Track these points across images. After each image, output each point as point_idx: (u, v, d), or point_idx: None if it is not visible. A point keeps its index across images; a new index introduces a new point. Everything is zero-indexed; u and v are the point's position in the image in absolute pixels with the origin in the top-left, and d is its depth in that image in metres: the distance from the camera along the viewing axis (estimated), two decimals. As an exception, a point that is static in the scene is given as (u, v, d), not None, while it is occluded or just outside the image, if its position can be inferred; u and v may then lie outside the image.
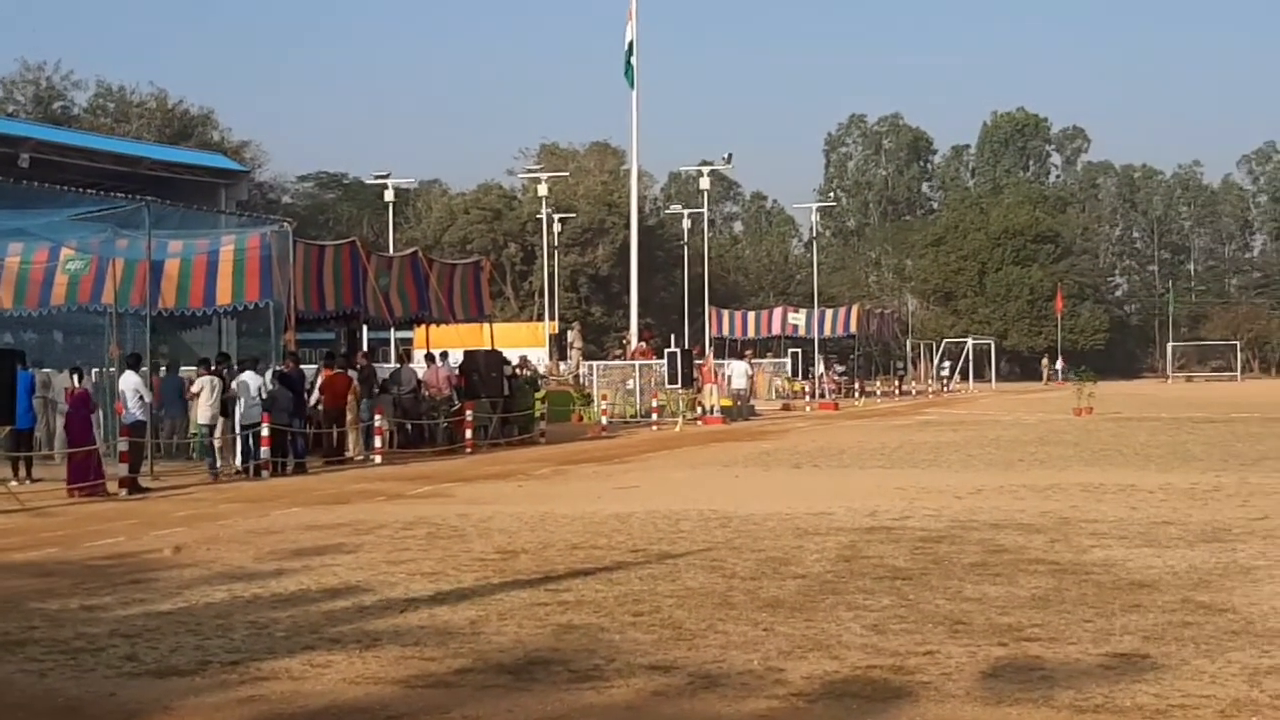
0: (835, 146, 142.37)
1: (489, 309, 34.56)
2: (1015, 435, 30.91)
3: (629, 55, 44.09)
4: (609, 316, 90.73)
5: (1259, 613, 9.12)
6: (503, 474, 22.61)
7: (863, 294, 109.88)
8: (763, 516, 15.11)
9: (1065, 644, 8.25)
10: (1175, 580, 10.47)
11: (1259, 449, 24.97)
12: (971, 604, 9.62)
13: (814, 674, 7.61)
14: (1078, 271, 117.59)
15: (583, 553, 12.58)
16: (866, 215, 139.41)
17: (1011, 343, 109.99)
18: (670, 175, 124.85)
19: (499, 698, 7.27)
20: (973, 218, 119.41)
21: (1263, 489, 17.50)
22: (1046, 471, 20.92)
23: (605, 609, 9.66)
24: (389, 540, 13.77)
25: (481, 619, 9.40)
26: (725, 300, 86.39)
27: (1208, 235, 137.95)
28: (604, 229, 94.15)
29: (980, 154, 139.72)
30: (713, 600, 9.92)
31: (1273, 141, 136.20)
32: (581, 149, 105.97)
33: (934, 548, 12.44)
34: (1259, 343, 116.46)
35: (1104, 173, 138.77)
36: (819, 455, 25.54)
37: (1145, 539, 12.84)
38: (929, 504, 16.25)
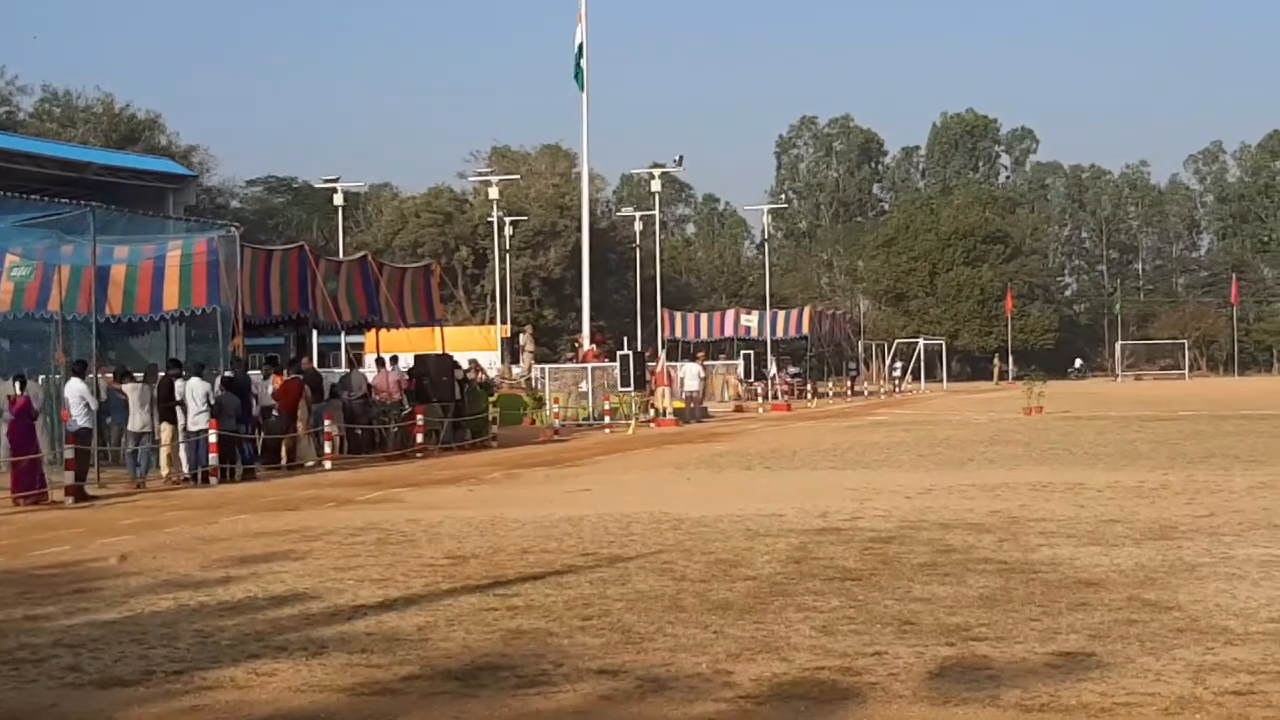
0: (786, 148, 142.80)
1: (440, 313, 34.44)
2: (966, 435, 31.06)
3: (579, 58, 44.03)
4: (561, 319, 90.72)
5: (1204, 610, 9.18)
6: (454, 479, 22.53)
7: (815, 295, 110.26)
8: (714, 518, 15.11)
9: (1012, 643, 8.28)
10: (1122, 578, 10.53)
11: (1206, 447, 25.17)
12: (920, 604, 9.64)
13: (762, 676, 7.60)
14: (1027, 271, 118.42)
15: (533, 557, 12.53)
16: (818, 217, 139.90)
17: (962, 343, 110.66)
18: (622, 177, 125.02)
19: (446, 704, 7.23)
20: (923, 219, 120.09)
21: (1209, 487, 17.63)
22: (996, 471, 21.02)
23: (554, 613, 9.62)
24: (338, 546, 13.68)
25: (430, 625, 9.34)
26: (678, 302, 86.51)
27: (1155, 235, 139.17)
28: (556, 232, 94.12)
29: (930, 155, 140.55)
30: (662, 603, 9.90)
31: (1219, 141, 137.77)
32: (533, 151, 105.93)
33: (884, 548, 12.47)
34: (1206, 341, 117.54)
35: (1053, 173, 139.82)
36: (771, 457, 25.57)
37: (1093, 537, 12.91)
38: (879, 504, 16.29)
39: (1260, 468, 20.34)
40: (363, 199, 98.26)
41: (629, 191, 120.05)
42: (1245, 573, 10.65)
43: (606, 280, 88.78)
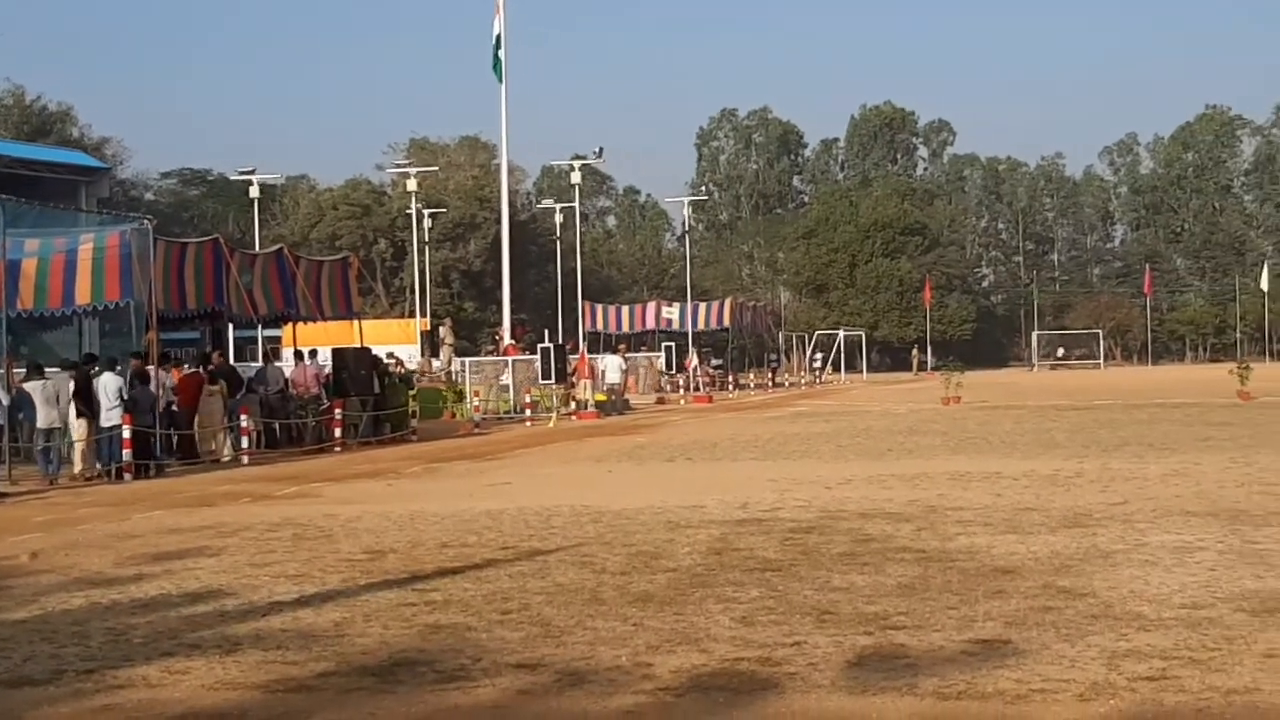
0: (707, 140, 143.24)
1: (358, 306, 34.17)
2: (885, 425, 31.27)
3: (497, 49, 43.81)
4: (482, 312, 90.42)
5: (1118, 596, 9.27)
6: (372, 473, 22.36)
7: (736, 287, 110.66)
8: (635, 511, 15.08)
9: (930, 631, 8.32)
10: (1037, 566, 10.62)
11: (1120, 435, 25.49)
12: (839, 594, 9.67)
13: (682, 668, 7.58)
14: (945, 263, 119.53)
15: (452, 551, 12.45)
16: (738, 209, 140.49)
17: (882, 334, 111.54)
18: (542, 169, 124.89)
19: (362, 701, 7.15)
20: (843, 210, 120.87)
21: (1123, 474, 17.85)
22: (915, 461, 21.16)
23: (473, 608, 9.55)
24: (253, 542, 13.52)
25: (346, 621, 9.25)
26: (599, 295, 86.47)
27: (1070, 226, 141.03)
28: (475, 224, 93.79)
29: (849, 147, 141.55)
30: (582, 596, 9.86)
31: (1134, 133, 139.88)
32: (451, 143, 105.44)
33: (804, 538, 12.50)
34: (1120, 331, 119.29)
35: (970, 165, 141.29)
36: (692, 448, 25.60)
37: (1009, 525, 13.02)
38: (800, 495, 16.34)
39: (1173, 455, 20.62)
40: (279, 191, 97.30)
41: (549, 183, 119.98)
42: (1158, 559, 10.78)
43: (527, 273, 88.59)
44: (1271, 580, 9.72)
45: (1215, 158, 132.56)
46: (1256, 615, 8.53)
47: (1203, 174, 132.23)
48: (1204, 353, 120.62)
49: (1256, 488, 15.80)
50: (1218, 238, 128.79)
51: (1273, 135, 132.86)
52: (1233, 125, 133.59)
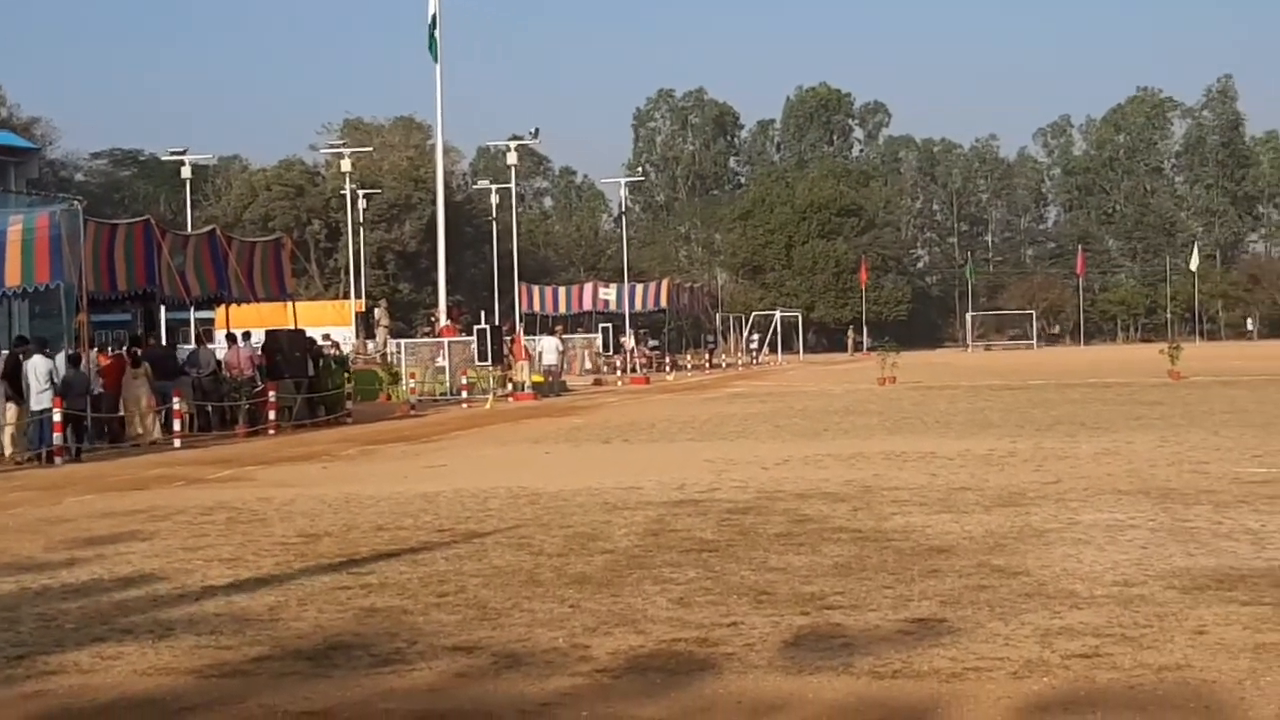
0: (643, 121, 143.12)
1: (291, 287, 33.92)
2: (821, 406, 31.39)
3: (432, 28, 43.49)
4: (417, 293, 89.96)
5: (1051, 575, 9.35)
6: (307, 456, 22.20)
7: (673, 268, 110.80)
8: (572, 492, 15.06)
9: (866, 611, 8.36)
10: (972, 545, 10.69)
11: (1053, 415, 25.73)
12: (776, 574, 9.69)
13: (619, 649, 7.57)
14: (881, 244, 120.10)
15: (388, 534, 12.38)
16: (675, 190, 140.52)
17: (818, 315, 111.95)
18: (478, 150, 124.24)
19: (296, 685, 7.09)
20: (779, 192, 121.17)
21: (1056, 454, 18.01)
22: (851, 441, 21.26)
23: (409, 591, 9.50)
24: (186, 526, 13.39)
25: (281, 605, 9.18)
26: (535, 276, 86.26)
27: (1004, 207, 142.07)
28: (411, 205, 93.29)
29: (785, 129, 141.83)
30: (519, 578, 9.83)
31: (1067, 115, 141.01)
32: (386, 124, 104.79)
33: (740, 519, 12.52)
34: (1054, 311, 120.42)
35: (905, 146, 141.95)
36: (629, 430, 25.60)
37: (944, 505, 13.10)
38: (737, 475, 16.37)
39: (1105, 434, 20.83)
40: (211, 172, 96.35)
41: (485, 164, 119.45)
42: (1091, 538, 10.88)
43: (463, 254, 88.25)
44: (1202, 558, 9.83)
45: (1146, 140, 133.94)
46: (1187, 592, 8.62)
47: (1134, 156, 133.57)
48: (1135, 333, 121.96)
49: (1187, 466, 15.98)
50: (1149, 219, 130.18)
51: (1203, 118, 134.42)
52: (1163, 107, 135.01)
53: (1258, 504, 12.51)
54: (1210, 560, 9.71)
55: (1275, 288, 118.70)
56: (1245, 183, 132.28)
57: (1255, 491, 13.40)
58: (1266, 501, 12.65)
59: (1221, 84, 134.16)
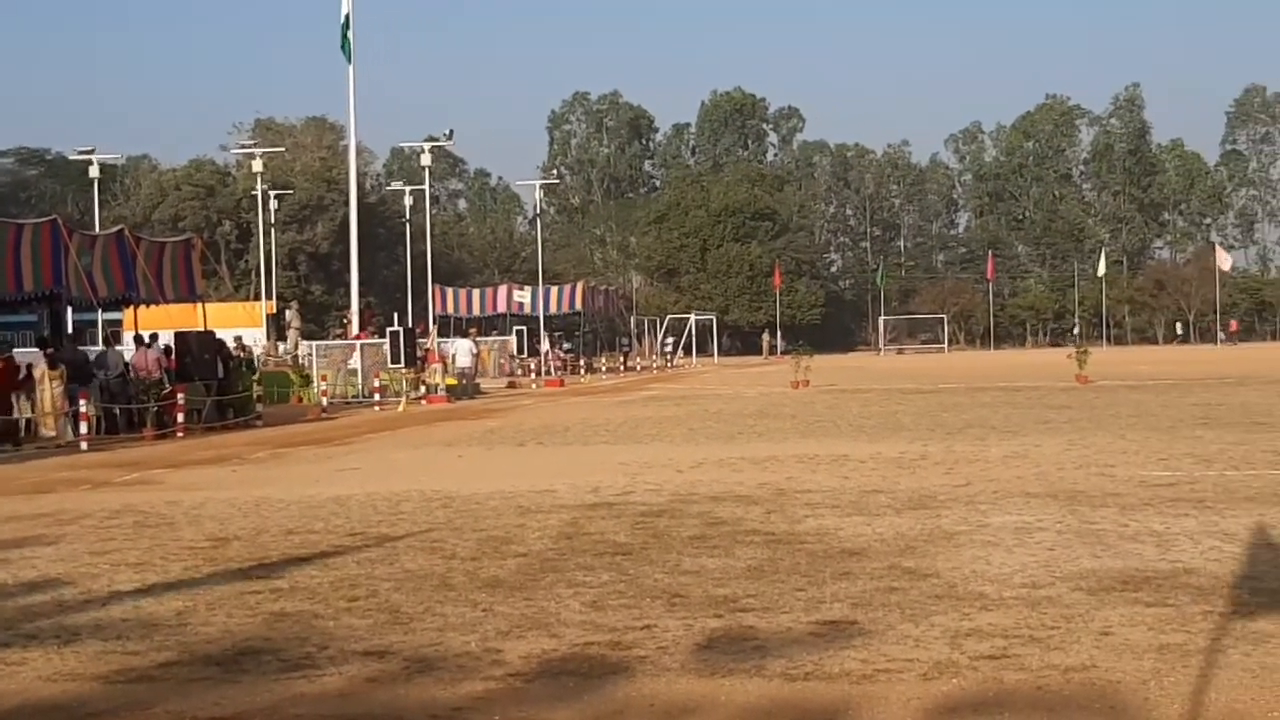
0: (559, 124, 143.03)
1: (201, 289, 33.52)
2: (735, 409, 31.51)
3: (345, 29, 43.18)
4: (329, 295, 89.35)
5: (960, 576, 9.44)
6: (217, 459, 21.95)
7: (588, 271, 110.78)
8: (485, 496, 15.00)
9: (778, 613, 8.38)
10: (883, 547, 10.77)
11: (963, 418, 25.99)
12: (689, 577, 9.70)
13: (532, 653, 7.55)
14: (795, 248, 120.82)
15: (298, 538, 12.26)
16: (590, 193, 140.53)
17: (733, 318, 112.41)
18: (392, 151, 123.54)
19: (205, 690, 7.00)
20: (694, 195, 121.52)
21: (966, 457, 18.19)
22: (765, 444, 21.34)
23: (320, 595, 9.42)
24: (93, 530, 13.18)
25: (189, 610, 9.05)
26: (450, 278, 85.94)
27: (916, 212, 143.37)
28: (323, 206, 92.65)
29: (700, 133, 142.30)
30: (431, 582, 9.77)
31: (978, 122, 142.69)
32: (298, 124, 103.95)
33: (654, 522, 12.53)
34: (964, 316, 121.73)
35: (819, 151, 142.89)
36: (543, 433, 25.55)
37: (856, 507, 13.18)
38: (651, 479, 16.38)
39: (1014, 438, 21.07)
40: (120, 171, 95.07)
41: (399, 165, 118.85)
42: (1000, 540, 11.00)
43: (376, 255, 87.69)
44: (1108, 559, 9.96)
45: (1055, 147, 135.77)
46: (1093, 594, 8.74)
47: (1043, 163, 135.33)
48: (1044, 337, 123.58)
49: (1093, 469, 16.20)
50: (1057, 225, 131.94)
51: (1110, 126, 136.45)
52: (1071, 115, 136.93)
53: (1162, 507, 12.70)
54: (1116, 562, 9.85)
55: (1180, 294, 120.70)
56: (1151, 190, 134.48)
57: (1160, 494, 13.61)
58: (1171, 504, 12.85)
59: (1129, 92, 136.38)
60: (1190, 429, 21.92)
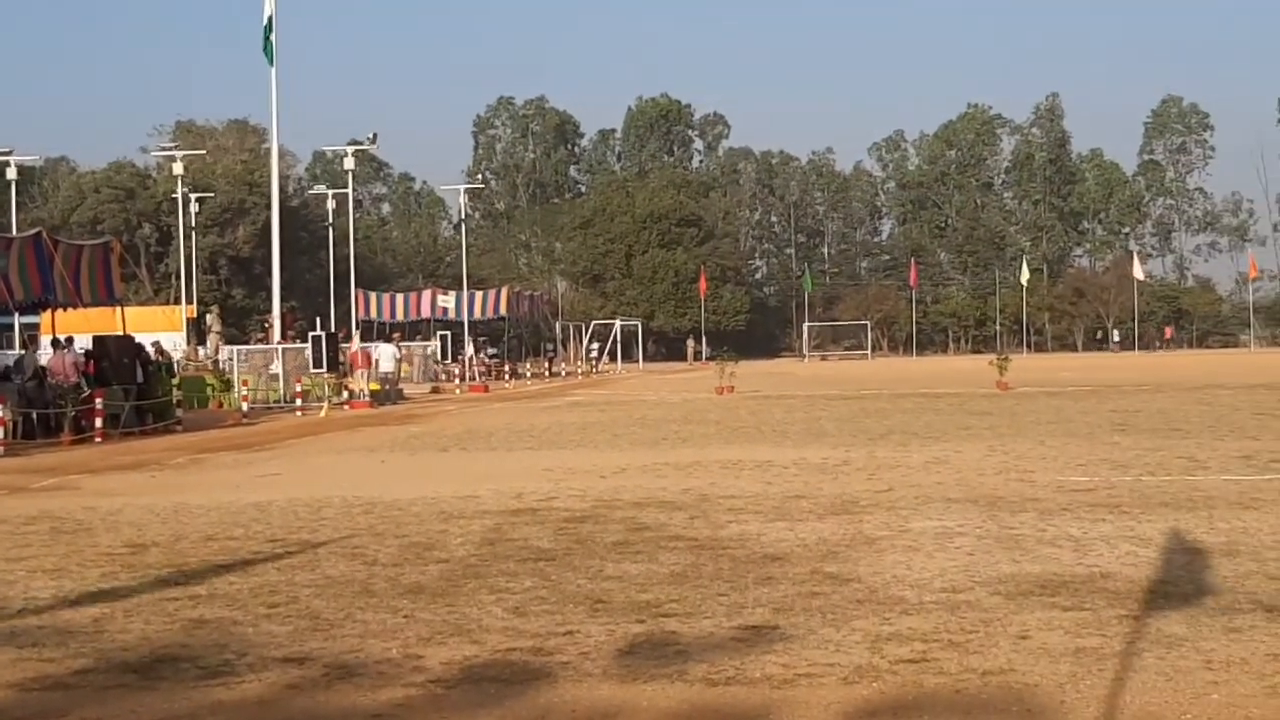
0: (484, 128, 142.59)
1: (120, 292, 33.08)
2: (660, 415, 31.56)
3: (268, 31, 42.83)
4: (251, 299, 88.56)
5: (882, 581, 9.51)
6: (135, 464, 21.69)
7: (512, 276, 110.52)
8: (408, 501, 14.93)
9: (700, 618, 8.41)
10: (805, 552, 10.82)
11: (886, 424, 26.17)
12: (612, 582, 9.71)
13: (453, 659, 7.52)
14: (720, 254, 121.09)
15: (218, 544, 12.14)
16: (515, 198, 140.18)
17: (658, 324, 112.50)
18: (314, 154, 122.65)
19: (121, 698, 6.92)
20: (619, 201, 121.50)
21: (888, 462, 18.32)
22: (689, 449, 21.39)
23: (239, 602, 9.33)
24: (8, 537, 12.98)
25: (106, 617, 8.94)
26: (373, 282, 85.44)
27: (840, 219, 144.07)
28: (245, 209, 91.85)
29: (626, 138, 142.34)
30: (352, 589, 9.71)
31: (901, 130, 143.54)
32: (220, 126, 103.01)
33: (578, 527, 12.53)
34: (888, 322, 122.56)
35: (744, 158, 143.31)
36: (467, 438, 25.47)
37: (779, 513, 13.24)
38: (575, 484, 16.37)
39: (935, 443, 21.25)
40: (38, 173, 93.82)
41: (322, 169, 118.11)
42: (921, 545, 11.09)
43: (298, 259, 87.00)
44: (1026, 564, 10.07)
45: (977, 155, 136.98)
46: (1011, 598, 8.83)
47: (965, 171, 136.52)
48: (966, 344, 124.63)
49: (1013, 475, 16.38)
50: (979, 233, 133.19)
51: (1031, 135, 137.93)
52: (993, 124, 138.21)
53: (1080, 512, 12.86)
54: (1034, 567, 9.96)
55: (1099, 301, 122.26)
56: (1071, 199, 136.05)
57: (1078, 499, 13.78)
58: (1089, 509, 13.01)
59: (1049, 102, 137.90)
60: (1108, 435, 22.21)
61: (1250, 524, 11.80)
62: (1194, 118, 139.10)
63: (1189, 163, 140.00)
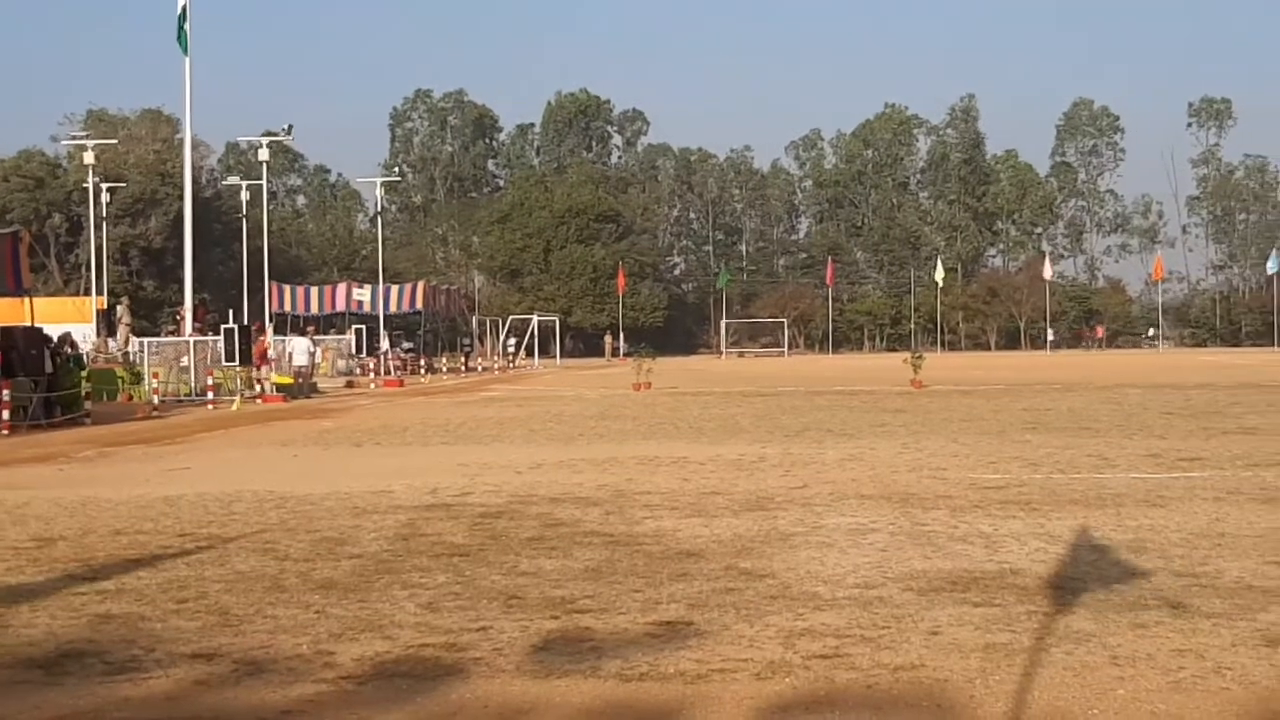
0: (400, 121, 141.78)
1: (28, 283, 32.55)
2: (577, 410, 31.52)
3: (182, 20, 42.27)
4: (162, 291, 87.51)
5: (795, 577, 9.55)
6: (42, 457, 21.35)
7: (429, 270, 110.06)
8: (320, 496, 14.80)
9: (615, 614, 8.40)
10: (721, 548, 10.85)
11: (801, 421, 26.30)
12: (527, 578, 9.68)
13: (365, 655, 7.46)
14: (638, 250, 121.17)
15: (126, 539, 11.97)
16: (433, 191, 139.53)
17: (576, 319, 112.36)
18: (228, 146, 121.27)
19: (26, 694, 6.80)
20: (537, 196, 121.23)
21: (803, 459, 18.41)
22: (605, 445, 21.38)
23: (147, 597, 9.21)
24: (-91, 531, 12.73)
25: (11, 611, 8.79)
26: (287, 275, 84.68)
27: (758, 217, 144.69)
28: (157, 200, 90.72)
29: (545, 133, 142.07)
30: (263, 584, 9.61)
31: (818, 129, 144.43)
32: (133, 116, 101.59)
33: (493, 523, 12.48)
34: (804, 320, 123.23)
35: (663, 155, 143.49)
36: (381, 433, 25.30)
37: (694, 509, 13.27)
38: (490, 480, 16.31)
39: (850, 441, 21.39)
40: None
41: (236, 160, 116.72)
42: (834, 541, 11.15)
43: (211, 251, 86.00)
44: (938, 560, 10.16)
45: (893, 155, 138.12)
46: (923, 594, 8.90)
47: (881, 170, 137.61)
48: (881, 342, 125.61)
49: (926, 472, 16.52)
50: (895, 232, 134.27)
51: (946, 135, 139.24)
52: (909, 125, 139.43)
53: (991, 509, 12.99)
54: (946, 563, 10.05)
55: (1011, 300, 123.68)
56: (985, 199, 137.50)
57: (989, 497, 13.92)
58: (999, 506, 13.15)
59: (964, 103, 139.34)
60: (1019, 433, 22.46)
61: (1157, 521, 11.98)
62: (1105, 120, 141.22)
63: (1100, 165, 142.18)
